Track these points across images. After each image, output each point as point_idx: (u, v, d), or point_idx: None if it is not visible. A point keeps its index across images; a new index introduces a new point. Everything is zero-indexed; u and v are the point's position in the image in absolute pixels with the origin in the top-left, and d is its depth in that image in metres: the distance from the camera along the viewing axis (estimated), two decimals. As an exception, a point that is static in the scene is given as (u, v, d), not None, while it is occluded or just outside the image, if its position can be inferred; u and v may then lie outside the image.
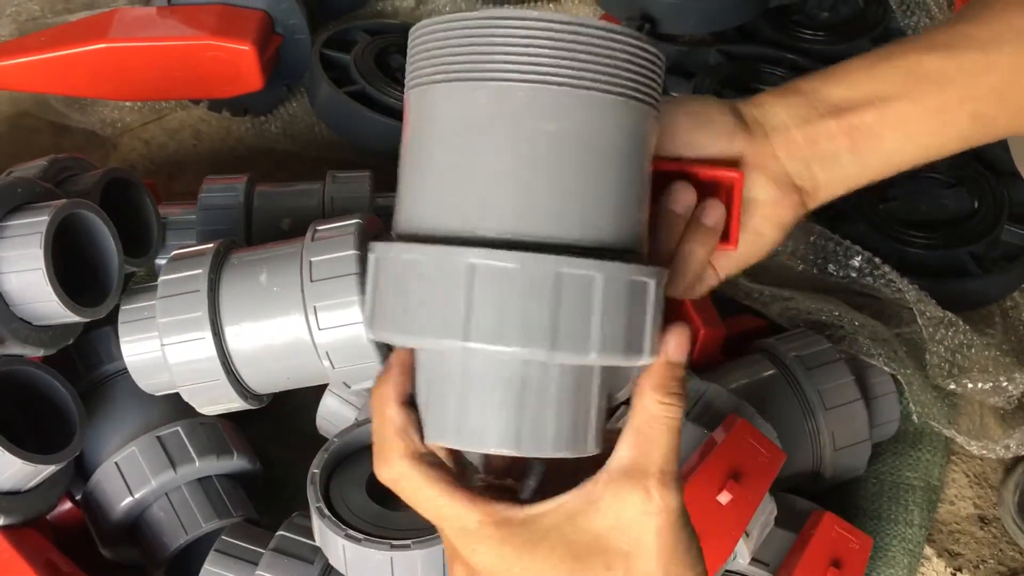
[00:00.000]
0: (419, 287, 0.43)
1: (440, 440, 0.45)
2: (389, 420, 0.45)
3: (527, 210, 0.43)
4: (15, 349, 0.68)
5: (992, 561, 0.83)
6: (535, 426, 0.44)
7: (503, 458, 0.49)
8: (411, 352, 0.47)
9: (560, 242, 0.43)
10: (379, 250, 0.45)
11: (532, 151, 0.43)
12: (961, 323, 0.89)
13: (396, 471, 0.44)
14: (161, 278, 0.70)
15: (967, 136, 0.57)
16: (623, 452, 0.44)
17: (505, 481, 0.49)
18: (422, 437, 0.45)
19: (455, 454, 0.49)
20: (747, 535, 0.64)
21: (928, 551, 0.83)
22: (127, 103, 1.14)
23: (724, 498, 0.59)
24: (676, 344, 0.44)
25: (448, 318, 0.42)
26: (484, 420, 0.44)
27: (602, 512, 0.43)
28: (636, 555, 0.43)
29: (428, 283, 0.43)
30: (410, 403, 0.46)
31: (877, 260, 0.94)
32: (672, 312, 0.47)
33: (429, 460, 0.45)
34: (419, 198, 0.46)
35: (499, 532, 0.43)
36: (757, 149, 0.54)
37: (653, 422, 0.43)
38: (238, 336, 0.69)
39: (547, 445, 0.44)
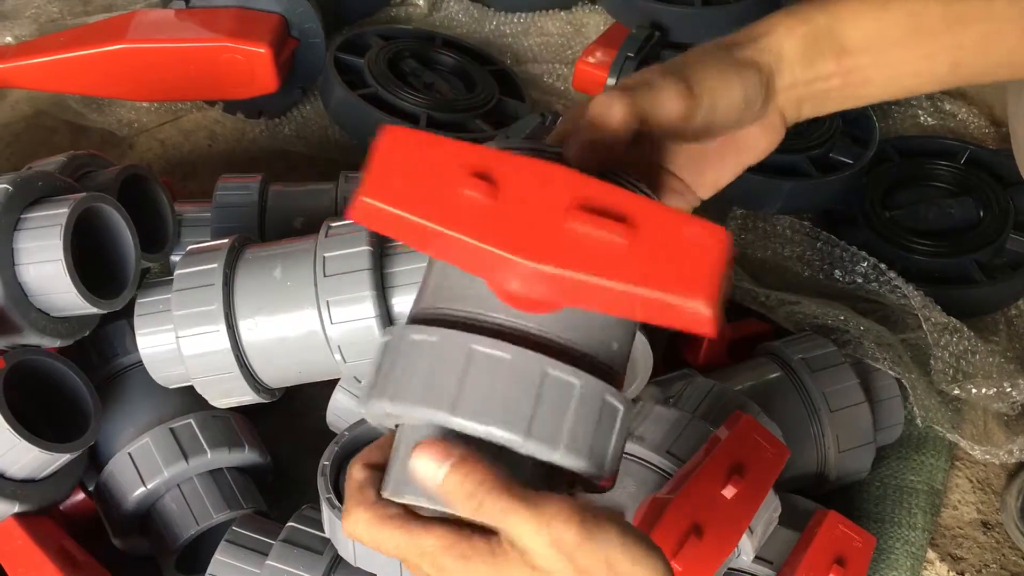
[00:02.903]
0: (423, 363, 0.45)
1: (395, 489, 0.46)
2: (351, 478, 0.48)
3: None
4: (33, 339, 0.70)
5: (994, 566, 0.84)
6: None
7: None
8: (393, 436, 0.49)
9: (551, 343, 0.45)
10: (393, 332, 0.47)
11: None
12: (966, 329, 0.90)
13: (353, 518, 0.46)
14: (177, 272, 0.72)
15: (942, 81, 0.59)
16: None
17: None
18: (378, 492, 0.47)
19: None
20: (751, 531, 0.65)
21: (931, 555, 0.83)
22: (144, 104, 1.16)
23: (729, 492, 0.60)
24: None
25: (441, 391, 0.44)
26: None
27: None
28: None
29: (432, 360, 0.45)
30: (373, 468, 0.48)
31: (883, 266, 0.95)
32: None
33: (383, 506, 0.46)
34: (436, 287, 0.48)
35: (458, 548, 0.44)
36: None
37: None
38: (252, 329, 0.70)
39: None
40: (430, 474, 0.43)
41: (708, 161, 0.56)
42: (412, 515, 0.46)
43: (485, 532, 0.44)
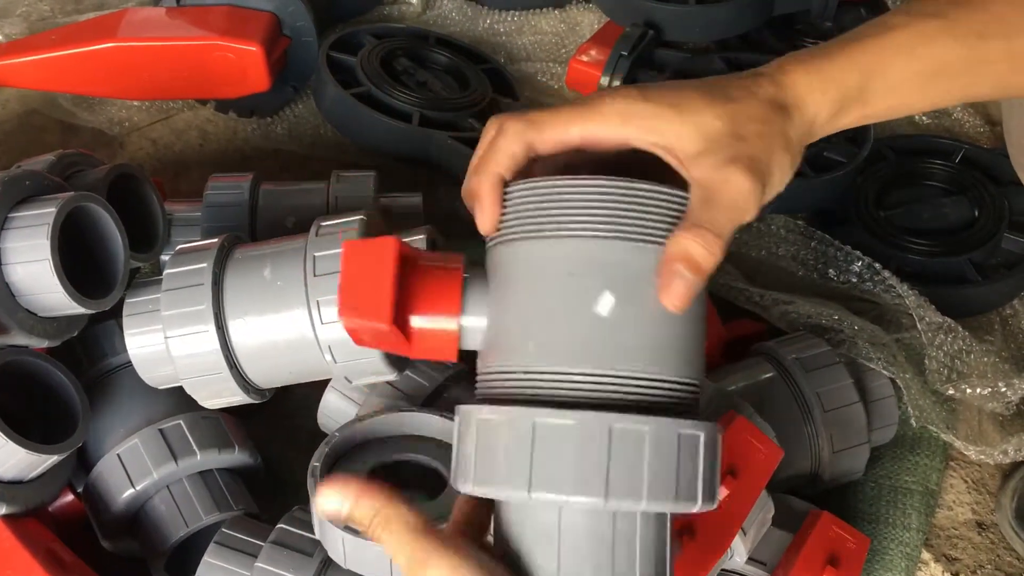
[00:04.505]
0: (495, 444, 0.47)
1: None
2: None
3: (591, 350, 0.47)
4: (20, 339, 0.69)
5: (989, 567, 0.83)
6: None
7: None
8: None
9: (620, 381, 0.47)
10: (461, 412, 0.50)
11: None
12: (960, 329, 0.90)
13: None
14: (166, 271, 0.71)
15: (946, 107, 0.59)
16: None
17: None
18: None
19: None
20: (744, 532, 0.64)
21: (926, 556, 0.83)
22: (135, 102, 1.15)
23: (721, 493, 0.60)
24: None
25: (515, 470, 0.46)
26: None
27: None
28: None
29: (502, 440, 0.47)
30: None
31: (877, 266, 0.95)
32: None
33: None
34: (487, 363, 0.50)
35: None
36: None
37: None
38: (241, 330, 0.70)
39: None
40: (333, 508, 0.49)
41: None
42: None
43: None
